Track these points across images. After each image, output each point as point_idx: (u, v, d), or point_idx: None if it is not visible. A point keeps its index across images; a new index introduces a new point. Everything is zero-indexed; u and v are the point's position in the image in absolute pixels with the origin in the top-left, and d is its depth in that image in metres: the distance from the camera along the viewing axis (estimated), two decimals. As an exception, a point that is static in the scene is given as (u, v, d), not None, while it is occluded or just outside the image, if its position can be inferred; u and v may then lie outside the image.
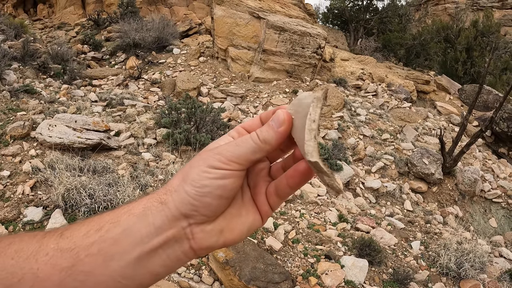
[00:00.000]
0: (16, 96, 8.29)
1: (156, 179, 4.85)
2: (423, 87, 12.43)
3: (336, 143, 7.20)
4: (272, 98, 8.57)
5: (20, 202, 5.08)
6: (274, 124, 0.54)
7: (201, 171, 0.52)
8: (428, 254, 4.92)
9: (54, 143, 6.26)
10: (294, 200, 4.91)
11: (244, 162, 0.53)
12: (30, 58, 10.53)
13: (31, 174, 5.52)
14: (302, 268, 3.68)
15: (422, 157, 8.08)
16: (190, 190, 0.51)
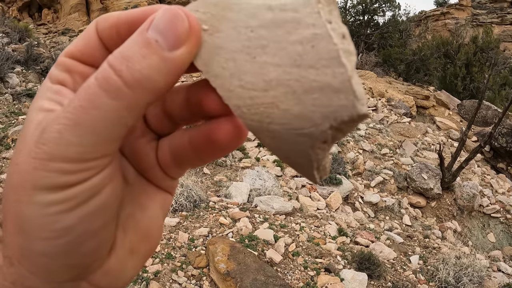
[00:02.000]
0: (18, 100, 8.25)
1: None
2: (422, 102, 12.54)
3: (335, 157, 7.27)
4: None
5: None
6: (162, 39, 0.27)
7: (39, 205, 0.27)
8: (427, 268, 4.95)
9: None
10: (294, 213, 4.96)
11: (108, 149, 0.28)
12: (33, 62, 10.52)
13: None
14: (302, 280, 3.71)
15: (421, 172, 8.14)
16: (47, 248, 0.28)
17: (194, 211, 4.52)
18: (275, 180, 5.75)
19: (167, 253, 3.71)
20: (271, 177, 5.79)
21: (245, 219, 4.26)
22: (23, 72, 9.98)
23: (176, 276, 3.47)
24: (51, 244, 0.28)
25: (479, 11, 33.08)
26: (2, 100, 7.97)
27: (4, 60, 8.96)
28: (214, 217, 4.34)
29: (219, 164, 6.20)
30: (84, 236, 0.28)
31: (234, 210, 4.46)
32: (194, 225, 4.20)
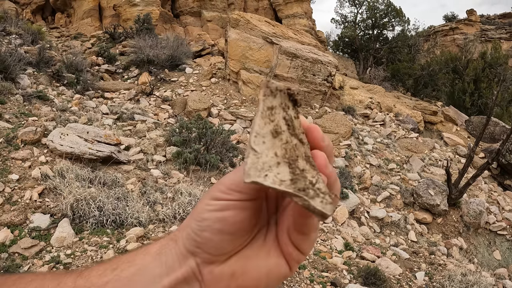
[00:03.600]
0: (29, 101, 8.35)
1: (165, 197, 4.91)
2: (430, 117, 12.52)
3: (343, 171, 7.26)
4: (281, 122, 8.63)
5: (27, 208, 5.07)
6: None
7: (203, 203, 0.48)
8: (433, 285, 4.92)
9: (65, 152, 6.28)
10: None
11: (247, 189, 0.46)
12: (45, 65, 10.66)
13: (40, 180, 5.52)
14: (307, 294, 3.71)
15: (428, 188, 8.11)
16: (193, 224, 0.48)
17: (202, 221, 4.53)
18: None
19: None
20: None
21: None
22: (35, 74, 10.12)
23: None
24: (195, 223, 0.48)
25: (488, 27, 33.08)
26: (13, 101, 8.02)
27: (17, 61, 9.07)
28: (221, 227, 4.34)
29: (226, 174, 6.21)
30: (207, 228, 0.47)
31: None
32: (201, 234, 4.21)
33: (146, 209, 4.65)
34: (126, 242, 4.08)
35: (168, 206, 4.63)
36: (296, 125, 0.44)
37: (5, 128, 6.64)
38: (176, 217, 4.51)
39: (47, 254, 4.28)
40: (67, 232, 4.61)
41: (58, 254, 4.20)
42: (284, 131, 0.42)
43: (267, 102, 0.41)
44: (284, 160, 0.40)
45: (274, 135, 0.41)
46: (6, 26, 13.28)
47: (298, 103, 0.45)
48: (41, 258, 4.23)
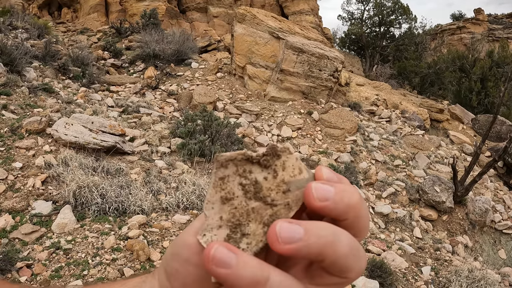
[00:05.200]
0: (35, 93, 8.38)
1: (169, 187, 4.88)
2: (436, 115, 12.42)
3: (348, 166, 7.20)
4: (286, 118, 8.62)
5: (30, 195, 5.07)
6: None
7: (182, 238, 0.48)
8: (439, 280, 4.86)
9: (69, 141, 6.28)
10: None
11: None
12: (51, 59, 10.70)
13: (43, 168, 5.52)
14: (311, 284, 3.65)
15: (434, 184, 8.04)
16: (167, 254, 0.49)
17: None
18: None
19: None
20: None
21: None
22: (40, 67, 10.15)
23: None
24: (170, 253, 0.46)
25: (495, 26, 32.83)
26: (19, 93, 8.04)
27: (23, 54, 9.10)
28: (225, 216, 4.30)
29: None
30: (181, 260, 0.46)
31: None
32: (205, 223, 4.16)
33: (149, 197, 4.61)
34: (128, 229, 4.05)
35: (172, 195, 4.59)
36: (265, 186, 0.43)
37: (10, 119, 6.66)
38: (180, 206, 4.48)
39: (48, 240, 4.28)
40: (68, 219, 4.58)
41: (58, 240, 4.19)
42: (237, 196, 0.43)
43: (219, 173, 0.44)
44: (228, 223, 0.42)
45: (223, 201, 0.43)
46: (13, 21, 13.33)
47: (262, 165, 0.44)
48: (41, 244, 4.23)
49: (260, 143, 7.59)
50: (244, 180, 0.44)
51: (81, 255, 3.81)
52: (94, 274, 3.44)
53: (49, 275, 3.62)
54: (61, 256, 3.94)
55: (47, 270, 3.73)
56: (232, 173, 0.44)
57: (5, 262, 3.69)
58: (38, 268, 3.74)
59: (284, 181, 0.44)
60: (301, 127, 8.40)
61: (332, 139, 8.23)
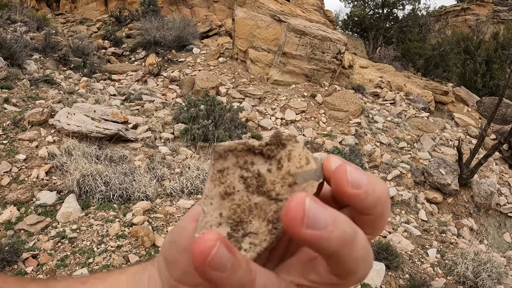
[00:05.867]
0: (36, 85, 8.38)
1: (173, 172, 4.85)
2: (441, 97, 12.29)
3: (353, 148, 7.14)
4: (290, 101, 8.55)
5: (34, 186, 5.08)
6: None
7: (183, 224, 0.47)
8: (445, 262, 4.84)
9: (72, 131, 6.28)
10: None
11: None
12: (51, 50, 10.67)
13: (47, 159, 5.53)
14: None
15: (439, 167, 7.98)
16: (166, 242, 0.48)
17: (210, 195, 4.45)
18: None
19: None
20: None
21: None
22: (41, 59, 10.12)
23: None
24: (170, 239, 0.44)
25: (500, 8, 32.33)
26: (20, 86, 8.04)
27: (22, 47, 9.07)
28: (230, 201, 4.27)
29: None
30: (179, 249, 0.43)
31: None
32: (209, 208, 4.13)
33: (153, 183, 4.59)
34: (132, 215, 4.03)
35: (176, 181, 4.56)
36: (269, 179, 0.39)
37: (12, 112, 6.65)
38: (184, 191, 4.45)
39: (53, 229, 4.28)
40: (73, 208, 4.58)
41: (63, 229, 4.18)
42: (238, 191, 0.39)
43: (217, 165, 0.39)
44: (228, 221, 0.39)
45: (223, 196, 0.39)
46: (11, 15, 13.23)
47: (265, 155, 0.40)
48: (46, 234, 4.24)
49: (264, 126, 7.54)
50: (245, 172, 0.39)
51: (86, 243, 3.80)
52: (100, 261, 3.43)
53: (55, 265, 3.62)
54: (66, 245, 3.94)
55: (52, 259, 3.72)
56: (232, 165, 0.40)
57: (11, 253, 3.69)
58: (44, 258, 3.74)
59: (290, 173, 0.39)
60: (304, 110, 8.33)
61: (336, 121, 8.16)
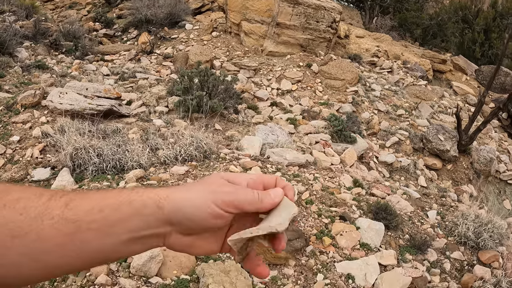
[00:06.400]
0: (28, 71, 8.39)
1: (167, 142, 4.76)
2: (439, 66, 12.12)
3: (350, 116, 7.05)
4: (285, 71, 8.41)
5: (28, 164, 5.05)
6: (273, 194, 0.66)
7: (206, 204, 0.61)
8: (445, 224, 4.79)
9: (65, 110, 6.23)
10: (308, 166, 4.79)
11: (240, 209, 0.63)
12: (41, 37, 10.63)
13: (41, 138, 5.49)
14: (315, 228, 3.58)
15: (438, 133, 7.90)
16: (190, 211, 0.61)
17: (204, 162, 4.39)
18: (288, 136, 5.58)
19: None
20: (284, 133, 5.62)
21: (256, 168, 4.10)
22: (32, 46, 10.08)
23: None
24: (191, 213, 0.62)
25: (498, -23, 31.78)
26: (12, 73, 8.04)
27: (12, 36, 9.05)
28: (225, 166, 4.19)
29: (231, 121, 6.04)
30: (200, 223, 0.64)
31: (246, 160, 4.30)
32: (203, 173, 4.06)
33: (146, 152, 4.50)
34: (125, 183, 3.95)
35: (170, 149, 4.47)
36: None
37: (5, 98, 6.69)
38: (178, 158, 4.37)
39: None
40: (66, 180, 4.52)
41: (58, 201, 4.11)
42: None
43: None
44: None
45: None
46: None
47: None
48: None
49: (260, 97, 7.43)
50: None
51: (79, 212, 3.73)
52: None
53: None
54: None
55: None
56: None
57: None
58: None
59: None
60: (300, 79, 8.20)
61: (333, 90, 8.04)
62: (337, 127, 6.25)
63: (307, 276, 3.09)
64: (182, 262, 2.87)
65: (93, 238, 0.58)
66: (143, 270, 2.72)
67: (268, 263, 3.07)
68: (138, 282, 2.71)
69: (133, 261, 2.79)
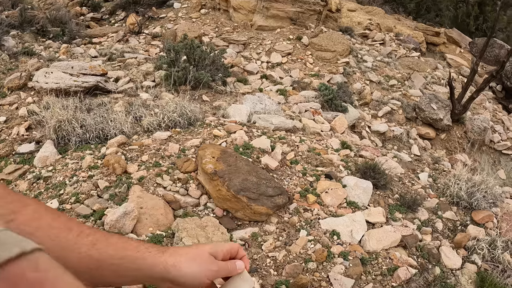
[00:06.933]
0: (15, 58, 8.28)
1: (152, 112, 4.65)
2: (432, 38, 11.94)
3: (341, 86, 6.92)
4: (275, 44, 8.25)
5: (14, 142, 5.05)
6: (237, 266, 0.86)
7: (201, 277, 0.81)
8: (437, 186, 4.71)
9: (50, 89, 6.21)
10: (295, 131, 4.69)
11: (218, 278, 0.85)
12: (28, 25, 10.49)
13: (27, 117, 5.50)
14: (300, 186, 3.48)
15: (431, 102, 7.79)
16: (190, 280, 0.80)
17: (189, 128, 4.29)
18: (277, 105, 5.47)
19: (155, 162, 3.49)
20: (273, 102, 5.51)
21: (241, 131, 4.00)
22: (19, 34, 10.00)
23: (161, 180, 3.25)
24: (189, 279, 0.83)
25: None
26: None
27: (-3, 25, 8.97)
28: (209, 131, 4.09)
29: (218, 92, 5.92)
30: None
31: (231, 124, 4.20)
32: (186, 137, 3.97)
33: (129, 119, 4.40)
34: (106, 149, 3.86)
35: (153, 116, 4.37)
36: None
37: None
38: (161, 125, 4.27)
39: (30, 174, 4.21)
40: (49, 151, 4.46)
41: (40, 172, 4.07)
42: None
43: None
44: None
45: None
46: (-19, -3, 12.85)
47: None
48: (24, 179, 4.18)
49: (250, 71, 7.29)
50: None
51: (59, 179, 3.66)
52: (70, 191, 3.29)
53: (29, 202, 3.48)
54: (41, 184, 3.83)
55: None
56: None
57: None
58: (18, 197, 3.60)
59: None
60: (291, 52, 8.05)
61: (323, 62, 7.89)
62: (327, 96, 6.13)
63: (290, 233, 3.01)
64: (159, 220, 2.79)
65: (110, 275, 0.74)
66: (117, 226, 2.65)
67: (248, 219, 2.99)
68: (113, 239, 2.62)
69: (107, 217, 2.72)
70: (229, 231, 2.85)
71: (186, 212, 3.01)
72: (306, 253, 2.85)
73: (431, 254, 3.53)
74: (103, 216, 2.82)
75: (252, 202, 2.91)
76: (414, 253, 3.44)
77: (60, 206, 3.16)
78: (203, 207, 3.11)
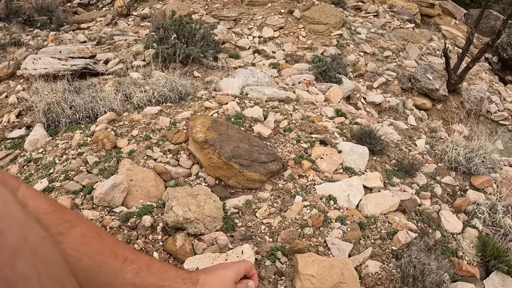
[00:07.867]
0: (4, 50, 8.14)
1: (142, 90, 4.55)
2: (427, 10, 11.77)
3: (334, 57, 6.80)
4: (267, 19, 8.09)
5: (5, 129, 5.03)
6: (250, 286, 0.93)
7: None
8: (435, 152, 4.65)
9: (39, 75, 6.13)
10: (289, 102, 4.59)
11: None
12: (14, 16, 10.32)
13: (17, 104, 5.46)
14: (294, 153, 3.41)
15: (426, 72, 7.69)
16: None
17: (180, 102, 4.19)
18: (270, 78, 5.36)
19: (145, 136, 3.41)
20: (266, 75, 5.40)
21: (233, 102, 3.90)
22: (6, 26, 9.88)
23: (151, 152, 3.17)
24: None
25: None
26: (-14, 54, 7.83)
27: (-19, 20, 8.80)
28: (200, 104, 4.00)
29: (210, 67, 5.80)
30: None
31: (222, 97, 4.10)
32: (177, 110, 3.87)
33: (118, 96, 4.30)
34: (96, 126, 3.78)
35: (143, 92, 4.27)
36: None
37: None
38: (152, 101, 4.17)
39: (21, 158, 4.15)
40: (39, 134, 4.39)
41: (30, 154, 4.00)
42: None
43: None
44: None
45: None
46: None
47: None
48: (15, 164, 4.13)
49: (241, 46, 7.15)
50: None
51: (49, 159, 3.59)
52: (60, 169, 3.21)
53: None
54: (31, 166, 3.76)
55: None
56: None
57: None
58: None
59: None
60: (282, 26, 7.90)
61: (316, 35, 7.75)
62: (321, 68, 6.02)
63: (285, 199, 2.94)
64: (150, 191, 2.72)
65: None
66: (107, 199, 2.58)
67: (241, 187, 2.92)
68: (102, 213, 2.56)
69: (95, 191, 2.65)
70: (222, 199, 2.78)
71: (177, 182, 2.94)
72: (302, 218, 2.79)
73: (431, 218, 3.48)
74: (92, 191, 2.75)
75: (244, 169, 2.84)
76: (414, 218, 3.39)
77: (50, 184, 3.08)
78: (194, 177, 3.03)
